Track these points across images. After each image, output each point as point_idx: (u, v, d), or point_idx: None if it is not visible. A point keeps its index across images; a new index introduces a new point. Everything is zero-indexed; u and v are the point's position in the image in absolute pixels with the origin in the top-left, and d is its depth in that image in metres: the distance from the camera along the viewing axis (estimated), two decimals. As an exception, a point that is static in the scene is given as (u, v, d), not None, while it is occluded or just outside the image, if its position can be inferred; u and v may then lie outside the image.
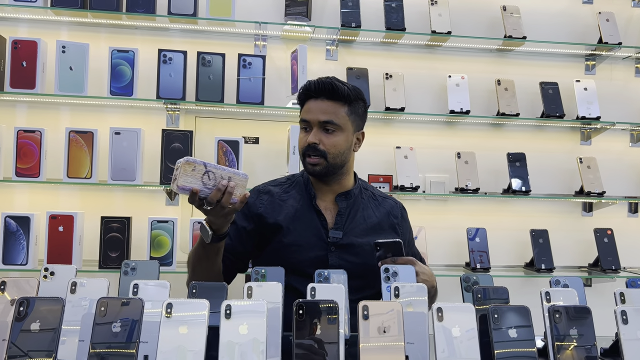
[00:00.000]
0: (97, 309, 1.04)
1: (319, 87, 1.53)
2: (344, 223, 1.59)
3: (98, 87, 2.42)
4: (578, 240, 2.79)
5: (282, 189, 1.64)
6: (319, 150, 1.52)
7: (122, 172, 2.33)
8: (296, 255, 1.53)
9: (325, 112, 1.52)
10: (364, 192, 1.68)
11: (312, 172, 1.56)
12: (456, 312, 1.15)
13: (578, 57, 2.86)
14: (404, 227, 1.69)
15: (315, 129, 1.53)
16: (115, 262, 2.31)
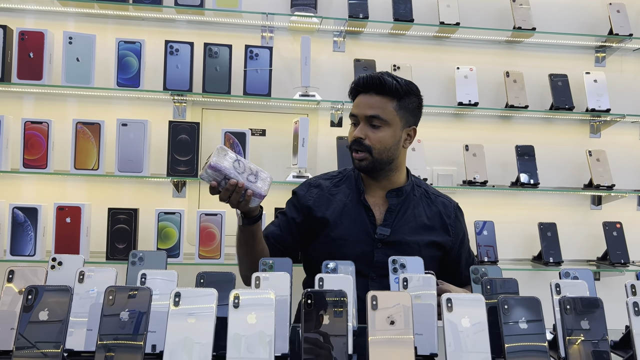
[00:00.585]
0: (105, 298, 1.04)
1: (367, 82, 1.52)
2: (393, 220, 1.57)
3: (105, 78, 2.42)
4: (586, 234, 2.77)
5: (333, 183, 1.64)
6: (364, 145, 1.51)
7: (129, 164, 2.33)
8: (342, 250, 1.53)
9: (372, 107, 1.51)
10: (417, 190, 1.65)
11: (358, 167, 1.56)
12: (466, 303, 1.14)
13: (588, 48, 2.82)
14: (457, 227, 1.64)
15: (362, 123, 1.52)
16: (123, 254, 2.32)
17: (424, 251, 1.56)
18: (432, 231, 1.60)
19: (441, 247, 1.62)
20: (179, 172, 2.36)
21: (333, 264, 1.40)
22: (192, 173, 2.36)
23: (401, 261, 1.41)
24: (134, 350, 0.99)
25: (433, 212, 1.62)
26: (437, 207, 1.64)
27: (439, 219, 1.62)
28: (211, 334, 1.01)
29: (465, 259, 1.68)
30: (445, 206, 1.66)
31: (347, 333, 1.03)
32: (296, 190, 1.68)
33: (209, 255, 2.34)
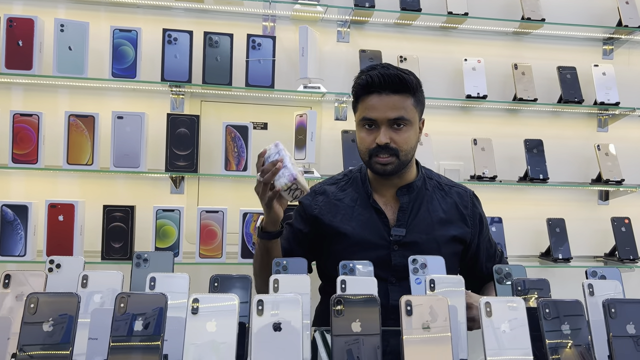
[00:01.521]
0: (117, 306, 0.94)
1: (385, 80, 1.38)
2: (407, 219, 1.48)
3: (99, 68, 2.30)
4: (593, 230, 2.72)
5: (338, 188, 1.55)
6: (391, 149, 1.40)
7: (125, 159, 2.21)
8: (356, 257, 1.41)
9: (394, 108, 1.38)
10: (429, 182, 1.55)
11: (382, 172, 1.44)
12: (505, 306, 1.06)
13: (595, 41, 2.76)
14: (475, 217, 1.55)
15: (384, 127, 1.40)
16: (119, 253, 2.21)
17: (444, 248, 1.48)
18: (450, 225, 1.51)
19: (462, 241, 1.53)
20: (177, 168, 2.25)
21: (351, 264, 1.33)
22: (192, 168, 2.25)
23: (422, 261, 1.35)
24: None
25: (449, 205, 1.53)
26: (453, 198, 1.54)
27: (455, 211, 1.53)
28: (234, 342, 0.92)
29: (485, 251, 1.58)
30: (461, 196, 1.56)
31: (379, 339, 0.95)
32: (301, 200, 1.58)
33: (210, 255, 2.24)
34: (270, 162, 1.31)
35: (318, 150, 2.49)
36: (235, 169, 2.27)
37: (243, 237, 2.25)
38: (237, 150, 2.27)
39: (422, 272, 1.35)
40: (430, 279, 1.23)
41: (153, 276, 1.17)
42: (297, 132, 2.35)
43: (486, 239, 1.59)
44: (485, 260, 1.58)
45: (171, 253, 1.34)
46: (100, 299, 1.11)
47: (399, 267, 1.43)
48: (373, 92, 1.40)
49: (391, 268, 1.45)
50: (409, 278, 1.40)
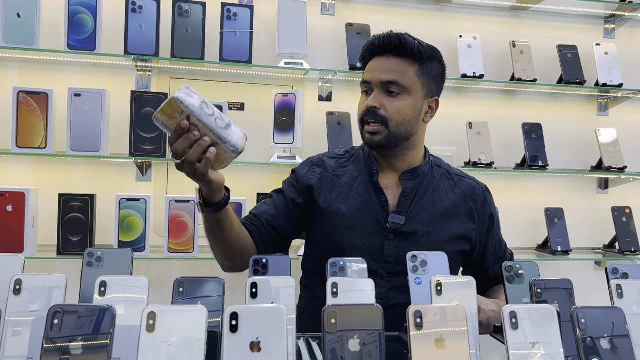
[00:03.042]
0: (48, 322, 0.73)
1: (384, 42, 1.28)
2: (409, 206, 1.32)
3: (53, 39, 2.03)
4: (592, 220, 2.57)
5: (338, 163, 1.39)
6: (379, 116, 1.26)
7: (84, 142, 1.97)
8: (347, 241, 1.29)
9: (389, 71, 1.26)
10: (436, 170, 1.39)
11: (370, 142, 1.30)
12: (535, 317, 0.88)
13: (597, 18, 2.59)
14: (484, 213, 1.38)
15: (377, 90, 1.28)
16: (77, 248, 1.97)
17: (445, 244, 1.31)
18: (455, 219, 1.35)
19: (467, 239, 1.37)
20: (143, 152, 2.01)
21: (341, 262, 1.13)
22: (159, 153, 2.01)
23: (422, 257, 1.18)
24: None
25: (457, 196, 1.36)
26: (462, 190, 1.38)
27: (463, 204, 1.36)
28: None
29: (494, 251, 1.42)
30: (472, 189, 1.39)
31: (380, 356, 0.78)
32: (296, 170, 1.41)
33: (180, 249, 2.01)
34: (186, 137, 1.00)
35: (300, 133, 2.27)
36: (208, 153, 2.04)
37: (217, 229, 2.02)
38: (211, 133, 2.04)
39: (422, 271, 1.18)
40: (437, 281, 1.04)
41: (103, 280, 0.99)
42: (279, 113, 2.12)
43: (496, 238, 1.43)
44: (492, 261, 1.41)
45: (129, 250, 1.14)
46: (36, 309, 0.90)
47: (391, 259, 1.29)
48: (376, 55, 1.30)
49: (383, 259, 1.29)
50: (400, 273, 1.27)
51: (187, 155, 1.01)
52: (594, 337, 0.88)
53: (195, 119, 0.99)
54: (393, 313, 1.25)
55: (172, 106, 0.97)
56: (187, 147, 1.00)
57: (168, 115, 0.98)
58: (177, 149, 1.00)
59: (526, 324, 0.87)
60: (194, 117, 0.98)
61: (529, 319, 0.88)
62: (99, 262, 1.14)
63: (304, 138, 2.26)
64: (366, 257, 1.24)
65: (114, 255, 1.15)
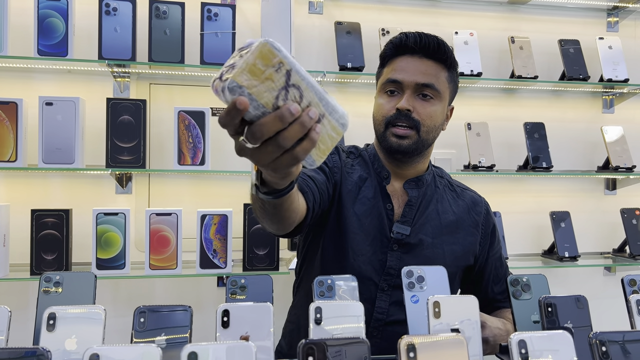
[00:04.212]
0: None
1: (422, 42, 1.18)
2: (414, 216, 1.24)
3: (22, 45, 1.91)
4: (600, 223, 2.44)
5: (347, 162, 1.30)
6: (412, 120, 1.17)
7: (57, 154, 1.84)
8: (352, 245, 1.20)
9: (425, 73, 1.18)
10: (439, 181, 1.33)
11: (397, 147, 1.19)
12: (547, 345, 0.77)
13: (599, 11, 2.47)
14: (487, 226, 1.32)
15: (409, 92, 1.18)
16: (52, 266, 1.84)
17: (450, 258, 1.24)
18: (460, 232, 1.28)
19: (471, 253, 1.29)
20: (121, 163, 1.88)
21: (329, 280, 1.01)
22: (138, 163, 1.89)
23: (418, 273, 1.07)
24: None
25: (460, 208, 1.30)
26: (465, 202, 1.32)
27: (467, 216, 1.30)
28: None
29: (493, 269, 1.33)
30: (475, 202, 1.33)
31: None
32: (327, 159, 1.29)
33: (163, 265, 1.88)
34: (281, 116, 0.61)
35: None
36: (190, 162, 1.91)
37: (202, 243, 1.90)
38: (193, 141, 1.92)
39: (419, 288, 1.07)
40: (434, 301, 0.92)
41: (52, 312, 0.88)
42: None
43: (496, 255, 1.33)
44: (492, 281, 1.32)
45: (92, 275, 1.03)
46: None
47: (393, 271, 1.21)
48: (405, 54, 1.20)
49: (385, 271, 1.21)
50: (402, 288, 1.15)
51: (284, 136, 0.61)
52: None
53: (297, 77, 0.61)
54: (394, 329, 1.19)
55: (265, 57, 0.59)
56: (286, 124, 0.61)
57: (257, 75, 0.59)
58: (269, 129, 0.61)
59: (538, 354, 0.75)
60: (296, 74, 0.61)
61: (541, 349, 0.75)
62: (57, 288, 1.04)
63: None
64: (368, 266, 1.19)
65: (74, 280, 1.04)
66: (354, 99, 2.20)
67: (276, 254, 1.94)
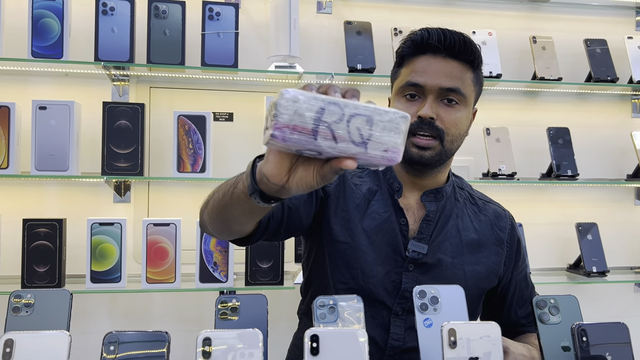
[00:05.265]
0: None
1: (446, 39, 1.04)
2: (432, 233, 1.11)
3: (16, 46, 1.83)
4: (630, 235, 2.28)
5: (354, 173, 1.17)
6: (436, 128, 1.04)
7: (51, 160, 1.75)
8: (361, 266, 1.08)
9: (450, 76, 1.05)
10: (459, 193, 1.18)
11: (418, 158, 1.06)
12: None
13: (627, 9, 2.32)
14: (512, 243, 1.18)
15: (432, 98, 1.05)
16: (44, 279, 1.75)
17: (471, 280, 1.11)
18: (483, 251, 1.14)
19: (495, 274, 1.16)
20: (117, 170, 1.79)
21: (331, 300, 0.89)
22: (135, 170, 1.79)
23: (432, 293, 0.96)
24: None
25: (482, 224, 1.16)
26: (488, 217, 1.18)
27: (490, 233, 1.16)
28: None
29: (518, 291, 1.19)
30: (499, 216, 1.19)
31: None
32: None
33: (160, 279, 1.78)
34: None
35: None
36: (190, 170, 1.81)
37: (202, 255, 1.79)
38: (193, 147, 1.81)
39: (432, 310, 0.95)
40: (450, 328, 0.80)
41: (10, 338, 0.77)
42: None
43: (521, 275, 1.20)
44: (515, 303, 1.19)
45: (68, 293, 0.94)
46: None
47: (408, 293, 1.08)
48: (426, 53, 1.06)
49: (399, 294, 1.09)
50: None
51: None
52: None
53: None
54: (411, 357, 1.06)
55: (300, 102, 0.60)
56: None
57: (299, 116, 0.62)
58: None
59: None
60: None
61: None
62: (28, 308, 0.95)
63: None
64: (380, 289, 1.08)
65: (47, 299, 0.95)
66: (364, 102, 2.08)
67: (281, 267, 1.82)
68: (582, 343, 0.87)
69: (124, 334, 0.80)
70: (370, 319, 1.04)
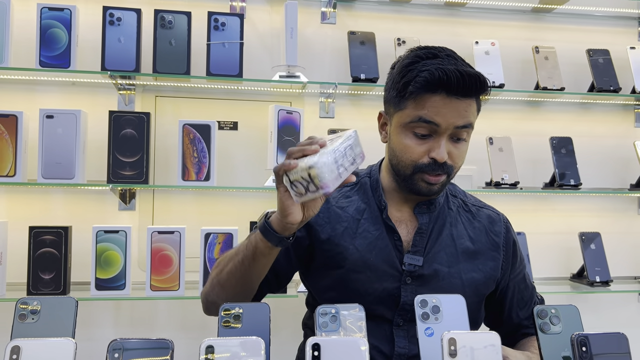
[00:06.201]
0: None
1: (465, 82, 1.00)
2: (426, 244, 1.12)
3: (24, 56, 1.86)
4: (634, 245, 2.28)
5: (341, 193, 1.18)
6: (447, 167, 1.05)
7: (57, 168, 1.78)
8: (357, 286, 1.10)
9: (464, 115, 1.04)
10: (452, 201, 1.18)
11: (426, 192, 1.08)
12: None
13: (630, 19, 2.33)
14: (508, 246, 1.17)
15: (445, 137, 1.04)
16: (50, 286, 1.76)
17: (469, 288, 1.12)
18: (479, 258, 1.14)
19: (493, 279, 1.16)
20: (123, 178, 1.81)
21: (333, 309, 0.91)
22: (140, 179, 1.81)
23: (433, 302, 0.96)
24: None
25: (477, 231, 1.16)
26: (482, 223, 1.18)
27: (485, 239, 1.16)
28: None
29: (517, 293, 1.20)
30: (492, 220, 1.19)
31: None
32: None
33: (164, 286, 1.79)
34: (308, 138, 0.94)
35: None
36: (195, 178, 1.83)
37: (205, 263, 1.80)
38: (197, 155, 1.83)
39: (434, 319, 0.96)
40: (450, 337, 0.81)
41: (16, 345, 0.78)
42: (284, 131, 1.90)
43: (519, 277, 1.20)
44: (516, 305, 1.19)
45: (73, 301, 0.95)
46: None
47: (409, 305, 1.09)
48: (440, 92, 1.02)
49: (399, 306, 1.10)
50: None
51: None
52: None
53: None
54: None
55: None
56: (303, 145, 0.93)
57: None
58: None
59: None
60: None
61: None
62: (34, 315, 0.96)
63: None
64: (378, 305, 1.10)
65: (53, 306, 0.96)
66: (367, 112, 2.10)
67: (284, 275, 1.83)
68: (582, 353, 0.87)
69: (129, 341, 0.81)
70: (374, 331, 1.05)
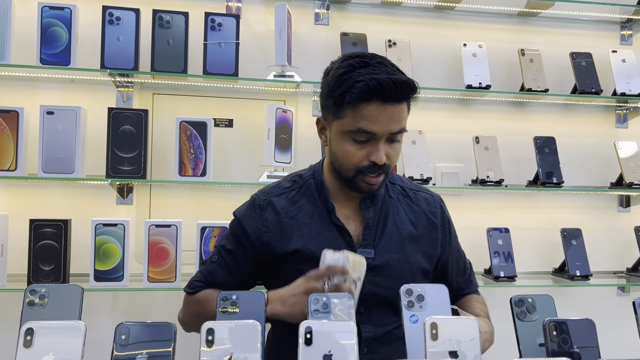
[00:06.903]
0: None
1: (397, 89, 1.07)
2: (374, 237, 1.20)
3: (24, 53, 1.91)
4: (613, 241, 2.37)
5: (288, 200, 1.23)
6: (385, 167, 1.14)
7: (57, 163, 1.83)
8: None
9: (399, 120, 1.12)
10: (392, 189, 1.27)
11: (368, 191, 1.18)
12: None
13: (612, 24, 2.42)
14: (444, 224, 1.29)
15: (382, 141, 1.12)
16: (49, 278, 1.82)
17: (416, 269, 1.23)
18: (421, 239, 1.25)
19: (434, 258, 1.28)
20: (121, 173, 1.86)
21: (324, 297, 0.97)
22: (138, 174, 1.86)
23: (418, 291, 1.03)
24: None
25: (417, 215, 1.26)
26: (420, 206, 1.28)
27: (425, 221, 1.26)
28: None
29: (454, 263, 1.32)
30: (429, 203, 1.30)
31: None
32: (241, 219, 1.23)
33: (161, 278, 1.85)
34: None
35: (294, 150, 2.11)
36: (191, 174, 1.89)
37: (201, 255, 1.86)
38: (194, 151, 1.89)
39: (419, 307, 1.02)
40: (432, 322, 0.88)
41: (30, 327, 0.83)
42: (280, 129, 1.96)
43: (455, 249, 1.32)
44: (455, 273, 1.32)
45: (79, 288, 1.01)
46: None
47: (368, 295, 1.17)
48: (375, 100, 1.08)
49: (360, 297, 1.15)
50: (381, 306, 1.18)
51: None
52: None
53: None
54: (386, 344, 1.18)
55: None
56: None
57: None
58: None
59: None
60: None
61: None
62: (42, 301, 1.01)
63: (298, 154, 2.11)
64: None
65: (60, 293, 1.02)
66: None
67: (277, 268, 1.90)
68: (553, 337, 0.95)
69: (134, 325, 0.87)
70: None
